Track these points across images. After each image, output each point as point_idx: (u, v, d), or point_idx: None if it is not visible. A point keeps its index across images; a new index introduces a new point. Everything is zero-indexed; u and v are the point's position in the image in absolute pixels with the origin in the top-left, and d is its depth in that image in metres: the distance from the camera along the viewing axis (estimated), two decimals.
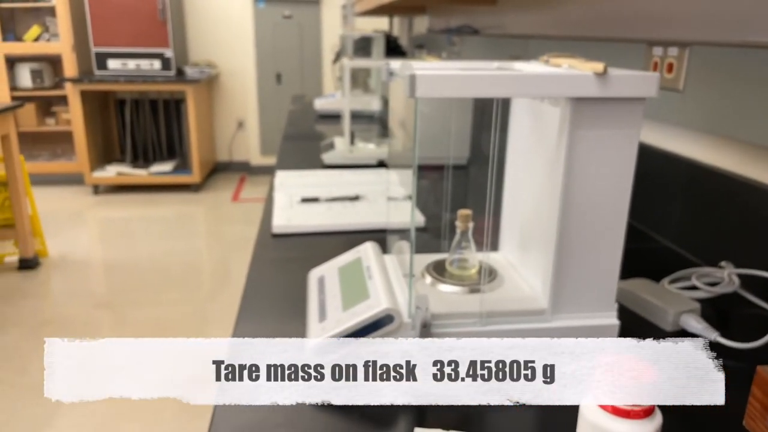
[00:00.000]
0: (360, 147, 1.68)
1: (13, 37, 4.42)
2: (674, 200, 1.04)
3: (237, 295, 2.94)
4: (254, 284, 0.89)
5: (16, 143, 2.97)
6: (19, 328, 2.55)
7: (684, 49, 1.00)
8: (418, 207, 1.16)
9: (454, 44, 2.52)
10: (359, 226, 1.11)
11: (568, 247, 0.68)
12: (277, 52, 5.13)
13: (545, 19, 1.58)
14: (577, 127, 0.64)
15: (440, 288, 0.77)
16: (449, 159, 1.05)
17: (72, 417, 1.97)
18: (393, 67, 0.73)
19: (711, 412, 0.60)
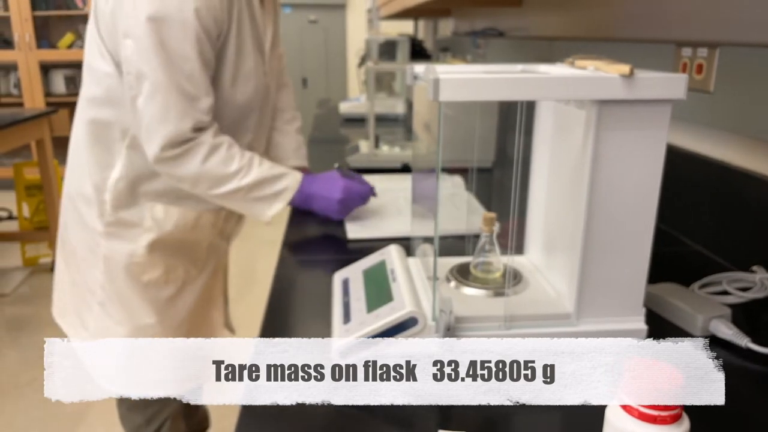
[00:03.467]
0: (384, 150, 1.69)
1: (47, 45, 4.55)
2: (705, 203, 1.02)
3: (263, 296, 2.97)
4: (280, 286, 0.90)
5: (51, 148, 3.06)
6: (52, 327, 2.61)
7: (714, 50, 0.98)
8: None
9: (479, 47, 2.51)
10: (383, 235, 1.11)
11: (594, 250, 0.67)
12: (303, 56, 5.18)
13: (571, 21, 1.57)
14: (603, 130, 0.64)
15: (464, 291, 0.77)
16: (474, 162, 1.05)
17: (104, 414, 2.01)
18: (417, 71, 0.73)
19: (741, 418, 0.59)
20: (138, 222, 1.13)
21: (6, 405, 2.08)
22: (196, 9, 0.97)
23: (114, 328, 1.17)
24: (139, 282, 1.15)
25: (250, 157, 1.07)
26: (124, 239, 1.13)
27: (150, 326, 1.18)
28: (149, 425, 1.34)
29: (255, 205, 1.09)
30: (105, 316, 1.17)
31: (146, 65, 0.97)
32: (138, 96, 1.00)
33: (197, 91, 1.01)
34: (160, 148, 1.01)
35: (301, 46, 5.17)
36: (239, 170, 1.05)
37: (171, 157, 1.02)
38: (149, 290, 1.16)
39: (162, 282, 1.17)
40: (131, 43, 0.97)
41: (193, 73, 1.00)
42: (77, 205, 1.16)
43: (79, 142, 1.14)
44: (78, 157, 1.15)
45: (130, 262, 1.14)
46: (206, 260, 1.24)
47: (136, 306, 1.16)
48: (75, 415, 2.02)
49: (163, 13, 0.96)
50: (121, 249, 1.13)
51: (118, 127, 1.08)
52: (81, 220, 1.15)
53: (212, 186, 1.05)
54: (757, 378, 0.66)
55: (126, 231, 1.13)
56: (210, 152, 1.03)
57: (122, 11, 0.98)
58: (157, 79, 0.98)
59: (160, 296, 1.18)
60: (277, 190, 1.08)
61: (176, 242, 1.16)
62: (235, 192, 1.06)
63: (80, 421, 1.99)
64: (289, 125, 1.38)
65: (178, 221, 1.14)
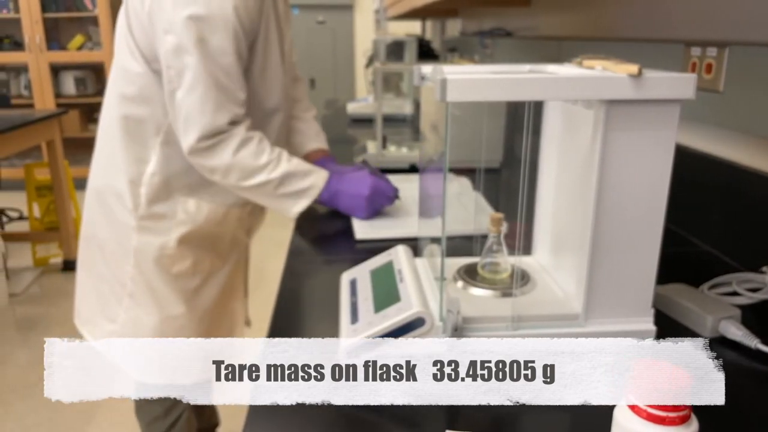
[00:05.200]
0: (392, 151, 1.69)
1: (57, 46, 4.58)
2: (714, 203, 1.02)
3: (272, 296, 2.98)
4: (289, 285, 0.90)
5: (61, 149, 3.08)
6: (62, 327, 2.64)
7: (723, 49, 0.97)
8: None
9: (486, 47, 2.51)
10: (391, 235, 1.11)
11: (603, 250, 0.67)
12: (311, 57, 5.19)
13: (579, 20, 1.56)
14: (612, 130, 0.63)
15: (472, 292, 0.77)
16: (481, 162, 1.05)
17: (113, 412, 2.02)
18: (424, 72, 0.73)
19: (750, 420, 0.59)
20: (171, 215, 1.16)
21: (16, 403, 2.09)
22: (235, 6, 1.01)
23: (144, 318, 1.20)
24: (169, 273, 1.19)
25: (279, 152, 1.11)
26: (156, 232, 1.16)
27: (178, 317, 1.21)
28: (167, 416, 1.36)
29: (282, 201, 1.12)
30: (135, 306, 1.20)
31: (187, 59, 1.01)
32: (177, 89, 1.03)
33: (233, 85, 1.05)
34: (196, 140, 1.04)
35: (308, 47, 5.18)
36: (269, 163, 1.08)
37: (205, 148, 1.05)
38: (178, 281, 1.20)
39: (190, 273, 1.21)
40: (172, 39, 1.01)
41: (230, 67, 1.04)
42: (106, 199, 1.18)
43: (111, 137, 1.17)
44: (108, 153, 1.18)
45: (161, 255, 1.17)
46: (229, 253, 1.28)
47: (166, 297, 1.20)
48: (84, 413, 2.04)
49: (204, 10, 1.00)
50: (152, 242, 1.16)
51: (152, 124, 1.12)
52: (110, 214, 1.18)
53: (242, 177, 1.08)
54: (766, 379, 0.66)
55: (158, 224, 1.16)
56: (241, 144, 1.06)
57: (161, 9, 1.01)
58: (196, 73, 1.01)
59: (188, 287, 1.21)
60: (304, 186, 1.11)
61: (205, 235, 1.20)
62: (264, 185, 1.09)
63: (90, 419, 2.01)
64: (306, 113, 1.43)
65: (209, 215, 1.18)
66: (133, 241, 1.17)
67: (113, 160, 1.16)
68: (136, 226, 1.16)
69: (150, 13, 1.03)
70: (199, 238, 1.19)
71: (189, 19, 0.99)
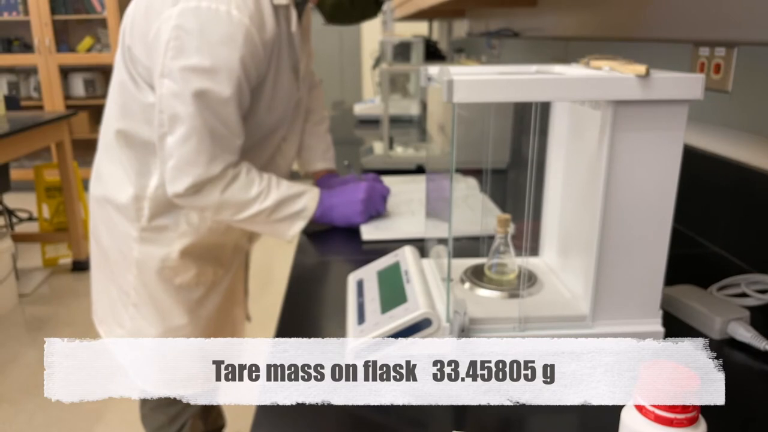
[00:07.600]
0: (399, 151, 1.69)
1: (66, 48, 4.61)
2: (723, 204, 1.01)
3: (279, 297, 2.98)
4: (296, 286, 0.91)
5: (70, 150, 3.10)
6: (71, 327, 2.66)
7: (731, 50, 0.97)
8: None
9: (493, 48, 2.50)
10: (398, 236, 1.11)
11: (610, 251, 0.67)
12: (317, 58, 5.18)
13: (586, 21, 1.56)
14: (619, 131, 0.63)
15: (478, 293, 0.77)
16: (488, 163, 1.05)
17: (123, 412, 2.03)
18: (431, 72, 0.73)
19: (760, 422, 0.58)
20: (173, 227, 1.14)
21: (26, 403, 2.11)
22: (242, 57, 0.96)
23: (147, 329, 1.20)
24: (172, 285, 1.17)
25: (268, 179, 1.08)
26: (158, 244, 1.14)
27: (181, 327, 1.20)
28: (172, 425, 1.36)
29: (277, 226, 1.09)
30: (139, 317, 1.19)
31: (182, 108, 0.96)
32: (168, 135, 0.99)
33: (230, 134, 1.01)
34: (185, 189, 1.01)
35: (315, 49, 5.17)
36: (259, 194, 1.05)
37: (192, 193, 1.02)
38: (181, 293, 1.19)
39: (193, 284, 1.19)
40: (169, 83, 0.96)
41: (228, 117, 0.99)
42: (108, 210, 1.17)
43: (111, 148, 1.15)
44: (108, 162, 1.16)
45: (163, 267, 1.15)
46: (231, 260, 1.27)
47: (168, 308, 1.19)
48: (93, 413, 2.05)
49: (209, 62, 0.94)
50: (154, 253, 1.15)
51: (153, 143, 1.08)
52: (112, 224, 1.17)
53: (235, 212, 1.06)
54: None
55: (161, 236, 1.14)
56: (229, 182, 1.03)
57: (160, 50, 0.96)
58: (192, 124, 0.97)
59: (191, 298, 1.20)
60: (297, 209, 1.09)
61: (207, 245, 1.18)
62: (258, 215, 1.06)
63: (99, 419, 2.02)
64: (318, 126, 1.40)
65: (212, 225, 1.15)
66: (134, 252, 1.15)
67: (114, 171, 1.14)
68: (137, 237, 1.14)
69: (151, 45, 0.99)
70: (201, 249, 1.17)
71: (191, 70, 0.94)
